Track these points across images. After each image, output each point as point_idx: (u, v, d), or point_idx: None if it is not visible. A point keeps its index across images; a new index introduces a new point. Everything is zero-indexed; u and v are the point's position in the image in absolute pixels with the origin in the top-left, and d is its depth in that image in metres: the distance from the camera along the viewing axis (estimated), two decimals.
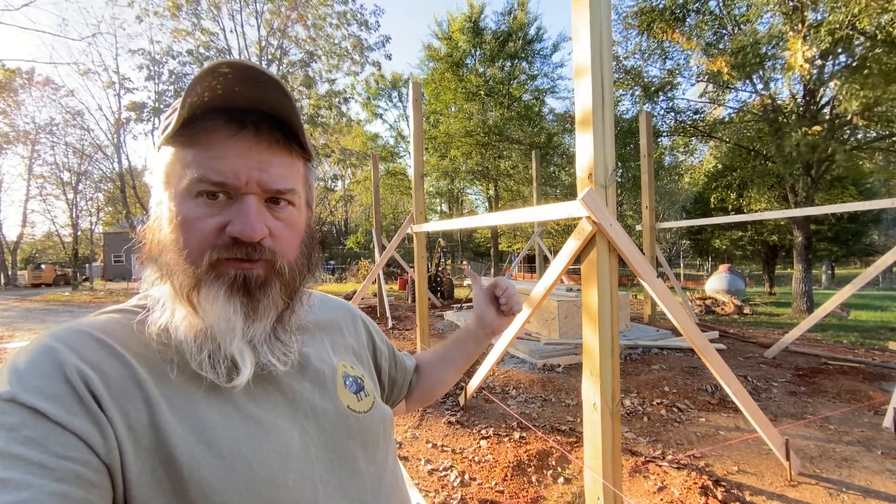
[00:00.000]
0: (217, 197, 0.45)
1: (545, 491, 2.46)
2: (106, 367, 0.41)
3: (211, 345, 0.45)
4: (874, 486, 2.42)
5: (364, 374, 0.64)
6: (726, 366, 2.26)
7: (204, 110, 0.45)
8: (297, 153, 0.50)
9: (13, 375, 0.37)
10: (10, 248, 27.34)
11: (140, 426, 0.40)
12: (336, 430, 0.54)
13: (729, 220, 6.30)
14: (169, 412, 0.42)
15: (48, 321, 10.24)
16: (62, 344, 0.40)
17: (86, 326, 0.44)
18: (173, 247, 0.45)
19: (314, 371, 0.56)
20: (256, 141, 0.46)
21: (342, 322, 0.69)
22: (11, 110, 20.63)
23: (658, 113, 10.55)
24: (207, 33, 15.17)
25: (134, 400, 0.41)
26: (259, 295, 0.47)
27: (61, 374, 0.38)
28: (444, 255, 13.36)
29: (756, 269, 24.84)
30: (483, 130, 17.71)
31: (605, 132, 1.87)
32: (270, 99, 0.45)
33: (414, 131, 4.78)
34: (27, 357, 0.39)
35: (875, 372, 4.39)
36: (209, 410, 0.44)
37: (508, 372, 4.67)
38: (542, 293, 2.48)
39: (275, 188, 0.47)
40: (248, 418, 0.46)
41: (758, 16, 8.08)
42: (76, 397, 0.37)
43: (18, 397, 0.35)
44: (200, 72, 0.42)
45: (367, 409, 0.59)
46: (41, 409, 0.35)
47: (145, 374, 0.43)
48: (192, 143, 0.45)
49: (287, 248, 0.49)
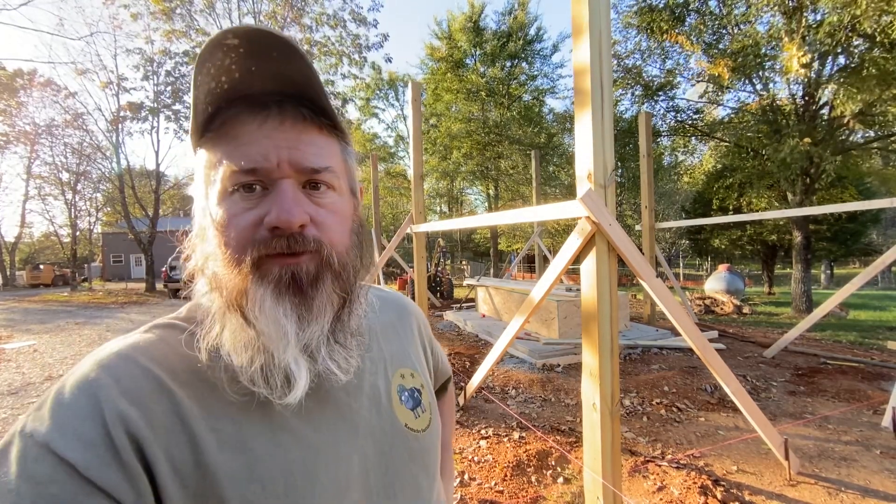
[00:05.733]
0: (253, 189, 0.42)
1: (545, 491, 2.46)
2: (151, 404, 0.38)
3: (263, 356, 0.41)
4: (873, 485, 2.42)
5: (423, 383, 0.58)
6: (725, 365, 2.26)
7: (225, 101, 0.42)
8: (329, 131, 0.46)
9: (54, 411, 0.36)
10: (9, 249, 27.30)
11: (186, 468, 0.37)
12: (396, 453, 0.49)
13: (728, 220, 6.31)
14: (217, 450, 0.39)
15: (47, 322, 10.22)
16: (107, 375, 0.38)
17: (133, 352, 0.41)
18: (216, 251, 0.42)
19: (370, 385, 0.51)
20: (281, 120, 0.42)
21: (396, 322, 0.62)
22: (12, 111, 20.59)
23: (658, 112, 10.57)
24: (202, 33, 15.13)
25: (179, 439, 0.38)
26: (311, 291, 0.42)
27: (100, 416, 0.36)
28: (444, 255, 13.36)
29: (755, 268, 24.88)
30: (483, 130, 17.71)
31: (605, 132, 1.87)
32: (288, 70, 0.41)
33: (413, 131, 4.77)
34: (70, 390, 0.37)
35: (874, 371, 4.39)
36: (262, 442, 0.41)
37: (508, 372, 4.67)
38: (542, 293, 2.48)
39: (309, 166, 0.43)
40: (304, 446, 0.43)
41: (757, 16, 8.09)
42: (111, 446, 0.35)
43: (52, 444, 0.34)
44: (206, 47, 0.38)
45: (426, 426, 0.54)
46: (73, 461, 0.34)
47: (191, 407, 0.40)
48: (219, 138, 0.43)
49: (334, 237, 0.44)
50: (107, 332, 8.51)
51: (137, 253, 28.54)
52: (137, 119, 17.59)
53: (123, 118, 17.90)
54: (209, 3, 14.83)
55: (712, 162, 15.20)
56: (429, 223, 4.70)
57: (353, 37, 16.11)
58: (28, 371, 5.60)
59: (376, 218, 10.16)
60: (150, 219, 19.09)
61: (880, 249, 18.22)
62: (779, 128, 8.55)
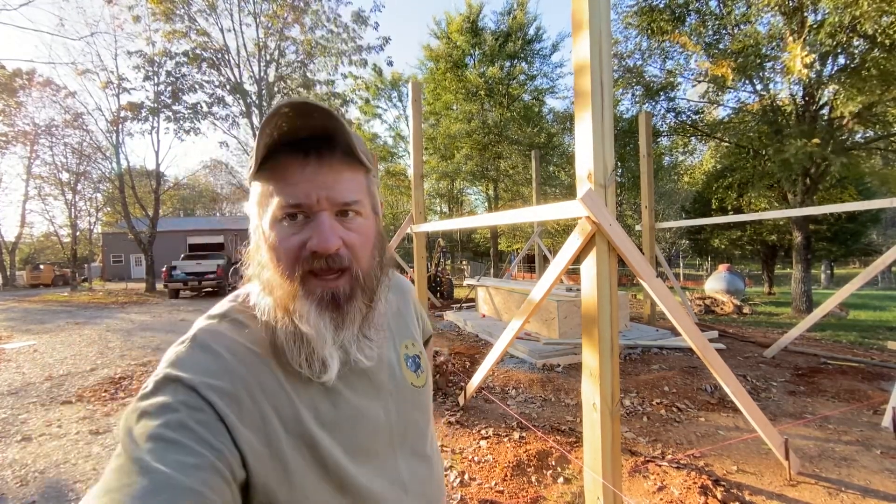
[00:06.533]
0: (297, 217, 0.54)
1: (545, 491, 2.46)
2: (259, 372, 0.53)
3: (306, 348, 0.54)
4: (873, 485, 2.42)
5: (420, 350, 0.77)
6: (726, 365, 2.26)
7: (277, 146, 0.53)
8: (357, 167, 0.58)
9: (192, 369, 0.49)
10: (9, 249, 27.29)
11: (288, 418, 0.53)
12: (406, 404, 0.67)
13: (729, 220, 6.31)
14: (301, 405, 0.54)
15: (47, 322, 10.22)
16: (224, 349, 0.52)
17: (231, 332, 0.55)
18: (270, 265, 0.54)
19: (387, 359, 0.68)
20: (319, 164, 0.54)
21: (401, 302, 0.79)
22: (12, 111, 20.58)
23: (658, 112, 10.55)
24: (202, 33, 15.13)
25: (280, 396, 0.53)
26: (346, 307, 0.56)
27: (229, 378, 0.50)
28: (444, 255, 13.36)
29: (755, 268, 24.88)
30: (483, 131, 17.70)
31: (605, 132, 1.87)
32: (324, 125, 0.53)
33: (413, 131, 4.77)
34: (201, 355, 0.51)
35: (874, 371, 4.39)
36: (322, 400, 0.57)
37: (508, 372, 4.67)
38: (542, 293, 2.48)
39: (342, 202, 0.55)
40: (349, 404, 0.59)
41: (758, 16, 8.09)
42: (236, 400, 0.49)
43: (199, 388, 0.47)
44: (268, 114, 0.50)
45: (424, 383, 0.73)
46: (213, 402, 0.47)
47: (281, 374, 0.54)
48: (272, 176, 0.54)
49: (361, 255, 0.57)
50: (107, 332, 8.51)
51: (137, 253, 28.53)
52: (138, 119, 17.59)
53: (124, 119, 17.89)
54: (210, 4, 14.84)
55: (712, 162, 15.19)
56: (429, 223, 4.70)
57: (351, 31, 16.09)
58: (28, 371, 5.59)
59: None
60: (150, 219, 19.08)
61: (880, 249, 18.23)
62: (779, 128, 8.55)
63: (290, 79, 16.99)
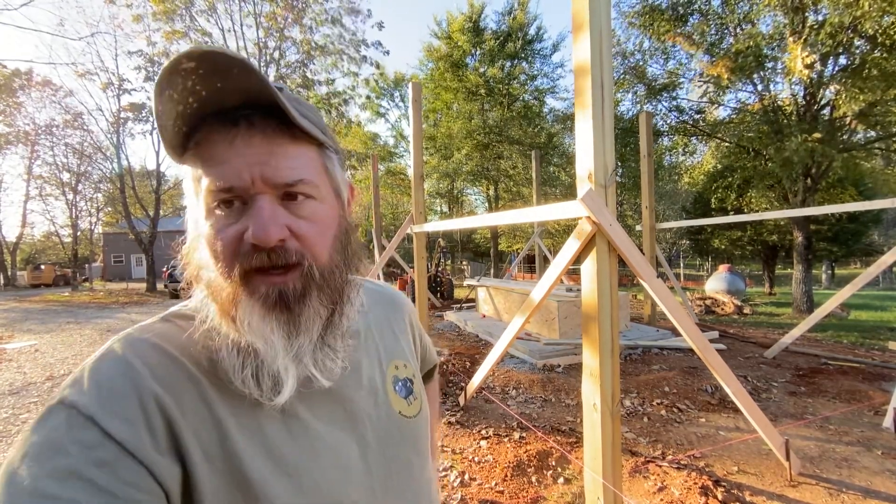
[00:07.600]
0: (233, 204, 0.43)
1: (545, 491, 2.46)
2: (180, 390, 0.42)
3: (253, 362, 0.44)
4: (874, 486, 2.42)
5: (414, 373, 0.64)
6: (726, 366, 2.25)
7: (199, 118, 0.42)
8: (304, 140, 0.46)
9: (92, 391, 0.39)
10: (10, 249, 27.31)
11: (213, 448, 0.41)
12: (391, 438, 0.55)
13: (729, 220, 6.30)
14: (238, 433, 0.43)
15: (48, 322, 10.23)
16: (140, 361, 0.42)
17: (160, 340, 0.45)
18: (207, 263, 0.44)
19: (368, 379, 0.56)
20: (250, 135, 0.42)
21: (391, 317, 0.67)
22: (12, 111, 20.61)
23: (659, 112, 10.56)
24: (202, 33, 15.12)
25: (206, 423, 0.42)
26: (298, 308, 0.44)
27: (137, 398, 0.39)
28: (444, 255, 13.36)
29: (756, 269, 24.84)
30: (483, 131, 17.70)
31: (605, 132, 1.87)
32: (252, 86, 0.40)
33: (413, 131, 4.78)
34: (106, 371, 0.40)
35: (875, 372, 4.39)
36: (274, 427, 0.45)
37: (508, 372, 4.66)
38: (543, 293, 2.48)
39: (284, 182, 0.43)
40: (311, 433, 0.47)
41: (759, 15, 8.08)
42: (148, 425, 0.39)
43: (96, 417, 0.37)
44: (162, 75, 0.37)
45: (417, 412, 0.59)
46: (115, 434, 0.37)
47: (214, 394, 0.44)
48: (197, 156, 0.43)
49: (316, 248, 0.45)
50: (107, 332, 8.52)
51: (138, 253, 28.56)
52: (139, 120, 17.62)
53: (125, 119, 17.93)
54: (210, 4, 14.84)
55: (713, 162, 15.19)
56: (429, 223, 4.70)
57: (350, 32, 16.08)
58: (29, 371, 5.60)
59: (376, 218, 10.16)
60: (150, 219, 19.12)
61: (881, 250, 18.18)
62: (780, 128, 8.54)
63: (289, 79, 16.99)
